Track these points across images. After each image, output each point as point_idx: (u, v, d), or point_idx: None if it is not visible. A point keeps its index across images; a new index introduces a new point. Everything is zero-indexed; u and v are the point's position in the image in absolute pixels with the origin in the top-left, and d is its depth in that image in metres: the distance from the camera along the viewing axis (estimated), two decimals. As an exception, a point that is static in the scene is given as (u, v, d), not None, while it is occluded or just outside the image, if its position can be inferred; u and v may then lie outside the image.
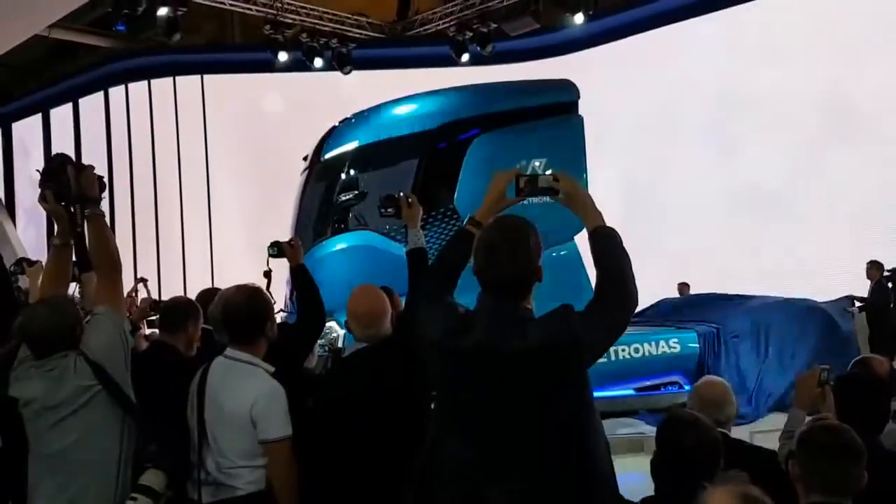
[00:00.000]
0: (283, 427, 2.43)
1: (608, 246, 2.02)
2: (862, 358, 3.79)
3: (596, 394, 6.79)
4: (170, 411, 2.56)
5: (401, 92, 8.08)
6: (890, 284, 8.35)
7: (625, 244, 2.04)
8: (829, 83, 9.56)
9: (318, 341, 3.45)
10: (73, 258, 2.72)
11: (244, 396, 2.43)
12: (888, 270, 8.32)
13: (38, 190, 2.57)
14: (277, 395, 2.45)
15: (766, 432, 4.68)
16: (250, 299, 2.56)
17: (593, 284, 2.03)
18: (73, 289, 2.96)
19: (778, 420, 6.22)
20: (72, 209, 2.56)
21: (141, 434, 2.45)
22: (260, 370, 2.50)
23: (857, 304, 8.36)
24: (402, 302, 3.20)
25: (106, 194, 2.61)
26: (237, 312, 2.53)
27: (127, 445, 2.43)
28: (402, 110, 7.66)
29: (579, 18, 10.13)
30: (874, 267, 8.73)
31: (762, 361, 7.53)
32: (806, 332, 7.67)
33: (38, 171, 2.60)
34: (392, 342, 2.66)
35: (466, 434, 1.96)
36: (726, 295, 8.45)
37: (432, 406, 2.21)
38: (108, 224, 2.66)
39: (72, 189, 2.53)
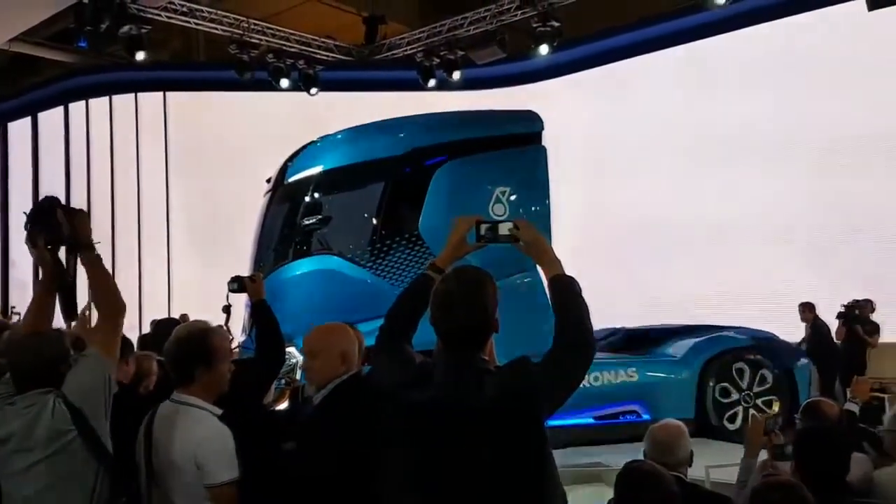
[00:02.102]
0: (228, 471, 2.36)
1: (567, 294, 2.02)
2: (811, 403, 3.85)
3: (555, 422, 6.80)
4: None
5: (367, 115, 8.07)
6: (838, 321, 8.41)
7: (583, 283, 2.04)
8: (782, 116, 9.80)
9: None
10: (59, 304, 2.59)
11: (189, 440, 2.37)
12: (843, 306, 8.43)
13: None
14: (222, 439, 2.39)
15: (722, 467, 4.70)
16: (191, 339, 2.49)
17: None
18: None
19: (733, 453, 6.28)
20: (62, 254, 2.47)
21: (114, 485, 2.36)
22: (205, 413, 2.44)
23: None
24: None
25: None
26: (177, 352, 2.47)
27: (98, 498, 2.33)
28: (369, 135, 7.64)
29: (544, 49, 10.26)
30: (807, 309, 8.78)
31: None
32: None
33: (24, 213, 2.50)
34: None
35: (422, 490, 1.93)
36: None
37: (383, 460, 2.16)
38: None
39: (63, 233, 2.43)
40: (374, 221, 7.13)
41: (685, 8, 10.40)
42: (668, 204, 10.90)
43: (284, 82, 11.46)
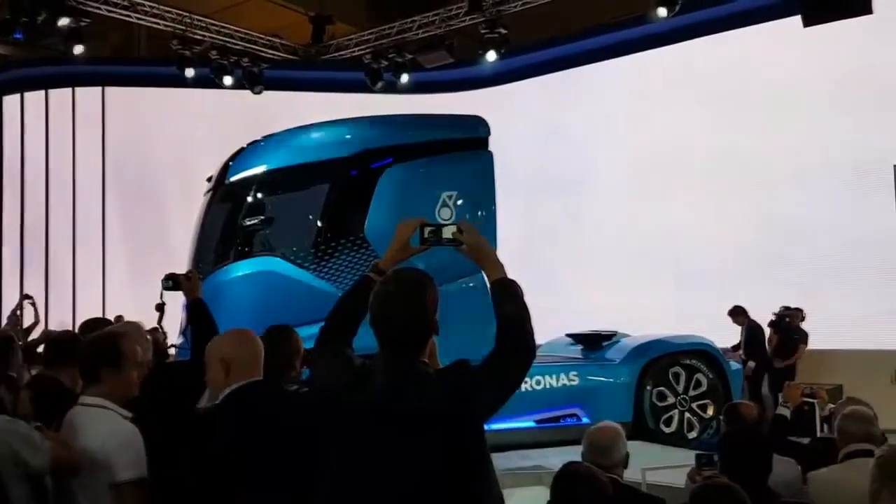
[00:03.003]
0: (133, 470, 2.33)
1: (509, 298, 2.03)
2: (730, 407, 3.98)
3: (497, 426, 6.85)
4: None
5: (313, 115, 7.99)
6: (769, 329, 8.60)
7: (523, 284, 2.06)
8: (726, 133, 10.07)
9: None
10: None
11: (93, 439, 2.35)
12: (775, 314, 8.63)
13: None
14: (127, 438, 2.36)
15: (657, 469, 4.80)
16: (101, 341, 2.48)
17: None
18: None
19: (669, 456, 6.42)
20: None
21: None
22: (111, 413, 2.41)
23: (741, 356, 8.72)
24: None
25: None
26: (86, 353, 2.47)
27: None
28: (315, 135, 7.57)
29: (492, 55, 10.33)
30: (739, 313, 8.95)
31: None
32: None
33: None
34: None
35: (361, 492, 1.92)
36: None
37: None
38: None
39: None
40: (319, 223, 7.06)
41: (629, 20, 10.60)
42: (610, 212, 11.09)
43: (228, 80, 11.27)
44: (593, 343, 8.40)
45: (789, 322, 8.39)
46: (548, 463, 6.19)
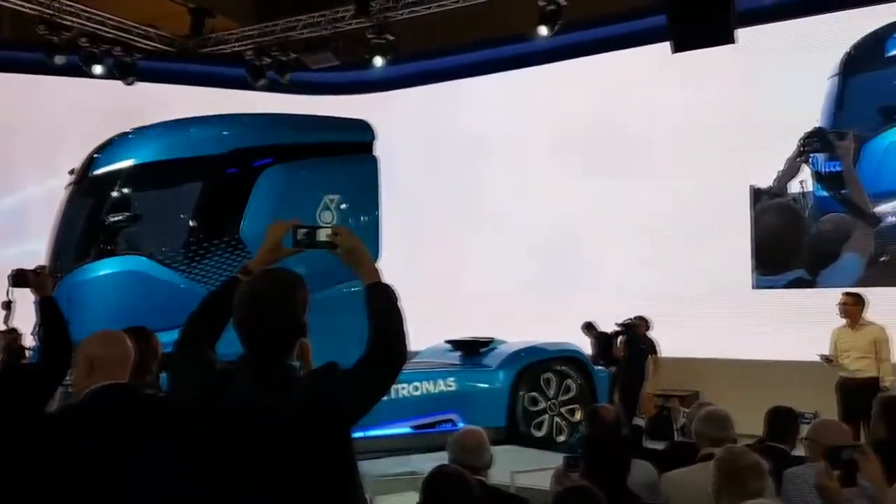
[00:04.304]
0: None
1: (383, 303, 2.01)
2: (590, 410, 4.15)
3: (374, 432, 6.78)
4: None
5: (188, 110, 7.69)
6: (620, 339, 8.80)
7: (408, 289, 2.04)
8: (606, 148, 10.49)
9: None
10: None
11: None
12: (618, 324, 8.84)
13: None
14: None
15: (527, 472, 4.91)
16: None
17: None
18: None
19: (540, 458, 6.58)
20: None
21: None
22: None
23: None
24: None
25: None
26: None
27: None
28: (190, 130, 7.29)
29: (379, 61, 10.30)
30: (587, 327, 9.28)
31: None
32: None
33: None
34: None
35: (224, 497, 1.85)
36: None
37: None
38: None
39: None
40: (191, 223, 6.79)
41: (514, 36, 10.85)
42: (493, 219, 11.30)
43: (98, 69, 10.67)
44: (471, 349, 8.51)
45: (633, 330, 8.74)
46: (423, 469, 6.17)
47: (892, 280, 8.73)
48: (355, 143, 7.72)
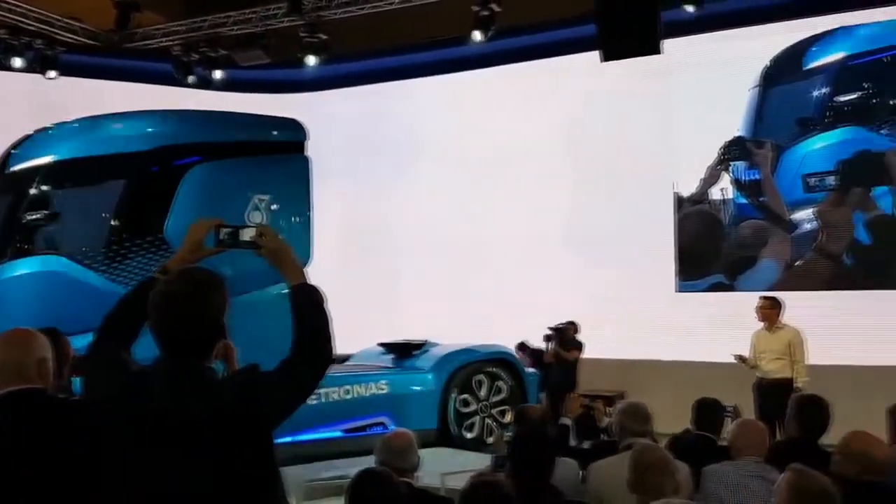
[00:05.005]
0: None
1: (308, 304, 1.99)
2: (519, 409, 4.24)
3: (304, 436, 6.71)
4: None
5: (112, 105, 7.45)
6: (550, 343, 8.88)
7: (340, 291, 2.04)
8: (537, 152, 10.63)
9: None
10: None
11: None
12: (549, 328, 8.92)
13: None
14: None
15: (457, 473, 4.94)
16: None
17: None
18: None
19: (471, 459, 6.63)
20: None
21: None
22: None
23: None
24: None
25: None
26: None
27: None
28: (112, 126, 7.06)
29: (311, 60, 10.20)
30: (521, 348, 9.14)
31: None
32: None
33: None
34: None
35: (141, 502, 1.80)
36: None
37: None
38: None
39: None
40: (113, 222, 6.58)
41: (449, 39, 10.89)
42: (426, 221, 11.32)
43: (18, 62, 10.24)
44: (404, 352, 8.51)
45: (563, 334, 8.90)
46: (352, 472, 6.15)
47: (807, 284, 9.13)
48: (287, 142, 7.62)
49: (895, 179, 8.85)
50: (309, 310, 1.98)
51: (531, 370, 8.76)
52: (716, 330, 8.65)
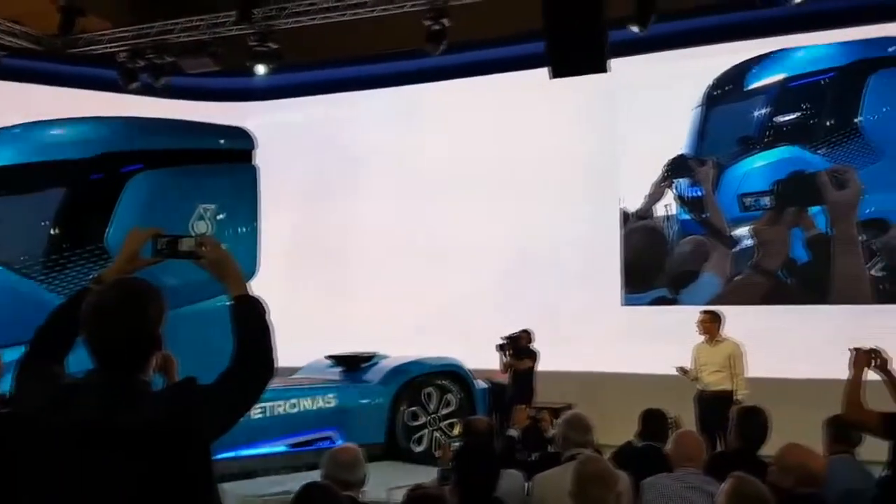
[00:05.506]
0: None
1: (250, 316, 1.96)
2: (465, 422, 4.27)
3: (248, 451, 6.59)
4: None
5: (54, 111, 7.25)
6: (509, 353, 8.90)
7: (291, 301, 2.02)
8: (489, 156, 10.71)
9: None
10: None
11: None
12: (502, 338, 8.94)
13: None
14: None
15: (403, 487, 4.90)
16: None
17: None
18: None
19: (418, 473, 6.59)
20: None
21: None
22: None
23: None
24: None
25: None
26: None
27: None
28: (54, 132, 6.87)
29: (261, 69, 10.10)
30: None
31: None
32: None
33: None
34: None
35: None
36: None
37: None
38: None
39: None
40: (52, 230, 6.39)
41: (401, 52, 10.92)
42: (375, 234, 11.29)
43: (-46, 65, 9.91)
44: (352, 365, 8.44)
45: (517, 343, 8.96)
46: (297, 488, 6.07)
47: (745, 299, 9.38)
48: (234, 150, 7.51)
49: (828, 199, 9.16)
50: (250, 321, 1.95)
51: (480, 382, 8.73)
52: (660, 343, 8.81)
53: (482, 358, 8.90)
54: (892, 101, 9.01)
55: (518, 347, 8.87)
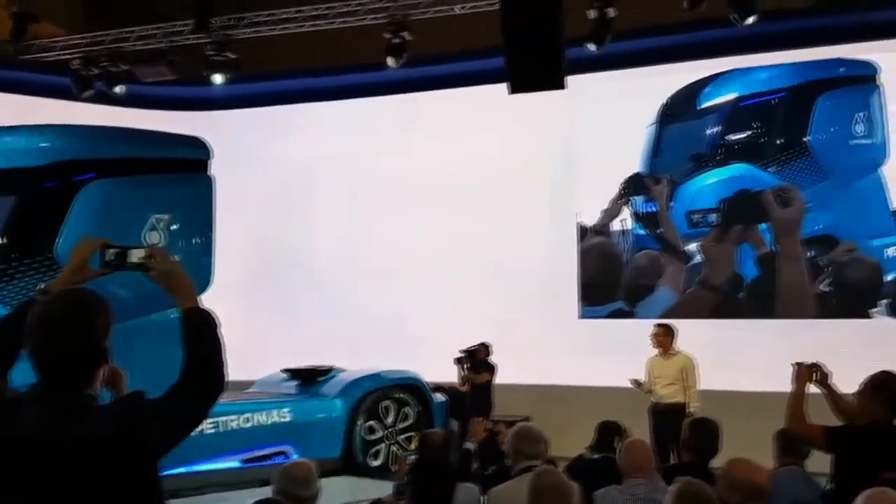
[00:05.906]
0: None
1: (200, 330, 1.94)
2: (421, 436, 4.28)
3: (200, 466, 6.48)
4: None
5: (5, 119, 7.09)
6: (467, 366, 8.91)
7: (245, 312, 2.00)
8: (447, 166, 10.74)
9: None
10: None
11: None
12: (460, 351, 8.94)
13: None
14: None
15: (358, 502, 4.89)
16: None
17: None
18: None
19: (374, 488, 6.55)
20: None
21: None
22: None
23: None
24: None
25: None
26: None
27: None
28: (3, 140, 6.71)
29: (218, 79, 10.01)
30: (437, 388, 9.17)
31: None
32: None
33: None
34: None
35: None
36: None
37: None
38: None
39: None
40: (1, 239, 6.22)
41: (360, 64, 10.92)
42: (332, 246, 11.24)
43: None
44: (309, 378, 8.35)
45: (475, 356, 8.98)
46: None
47: (695, 312, 9.55)
48: (189, 160, 7.40)
49: (772, 216, 9.39)
50: (200, 335, 1.92)
51: (438, 396, 8.72)
52: (616, 355, 8.91)
53: (441, 372, 8.91)
54: (840, 120, 9.30)
55: (476, 361, 8.88)
